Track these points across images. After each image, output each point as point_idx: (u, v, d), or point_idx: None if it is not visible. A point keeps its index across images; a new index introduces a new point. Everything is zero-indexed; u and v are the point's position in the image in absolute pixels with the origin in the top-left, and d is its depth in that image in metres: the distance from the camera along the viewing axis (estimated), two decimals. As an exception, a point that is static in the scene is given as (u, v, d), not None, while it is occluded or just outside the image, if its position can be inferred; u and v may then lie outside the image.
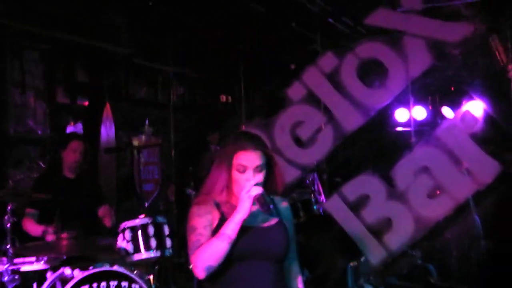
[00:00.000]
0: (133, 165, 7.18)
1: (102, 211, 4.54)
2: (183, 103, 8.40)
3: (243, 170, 2.41)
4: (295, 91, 5.41)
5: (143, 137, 7.36)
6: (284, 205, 2.66)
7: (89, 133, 6.53)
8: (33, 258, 3.54)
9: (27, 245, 3.68)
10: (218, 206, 2.50)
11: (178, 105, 8.15)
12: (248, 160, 2.40)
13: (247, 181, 2.40)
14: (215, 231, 2.44)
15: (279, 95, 5.62)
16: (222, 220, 2.46)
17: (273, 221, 2.53)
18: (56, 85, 6.32)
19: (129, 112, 7.37)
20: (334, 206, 5.14)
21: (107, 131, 6.84)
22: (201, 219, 2.46)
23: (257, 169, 2.42)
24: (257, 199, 2.37)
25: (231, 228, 2.37)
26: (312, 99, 5.39)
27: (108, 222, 4.38)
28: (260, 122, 5.63)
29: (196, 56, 7.71)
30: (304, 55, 6.61)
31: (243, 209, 2.36)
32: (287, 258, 2.57)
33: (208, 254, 2.38)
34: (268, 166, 2.48)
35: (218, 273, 2.43)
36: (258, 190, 2.37)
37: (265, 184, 2.47)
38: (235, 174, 2.44)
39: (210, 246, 2.38)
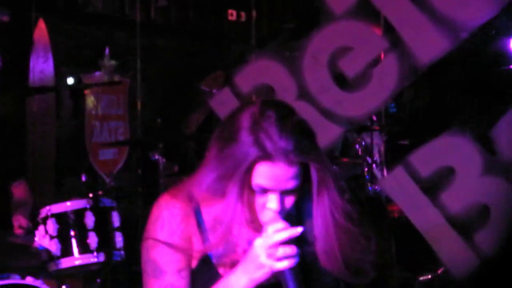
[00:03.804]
0: (83, 119, 7.16)
1: (19, 190, 4.51)
2: (167, 22, 8.30)
3: (263, 191, 2.20)
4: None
5: (101, 75, 7.39)
6: None
7: (9, 67, 6.46)
8: None
9: None
10: (204, 230, 2.26)
11: (158, 25, 8.07)
12: (274, 179, 2.17)
13: (264, 208, 2.19)
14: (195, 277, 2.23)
15: (314, 4, 5.57)
16: (206, 263, 2.23)
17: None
18: None
19: (78, 35, 7.32)
20: (397, 186, 5.07)
21: (40, 64, 6.83)
22: (173, 256, 2.21)
23: (286, 193, 2.21)
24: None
25: None
26: (367, 11, 5.30)
27: (21, 220, 4.25)
28: (279, 49, 5.56)
29: None
30: None
31: (254, 276, 2.10)
32: None
33: None
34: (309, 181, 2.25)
35: None
36: (291, 255, 2.10)
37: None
38: (248, 191, 2.19)
39: None
